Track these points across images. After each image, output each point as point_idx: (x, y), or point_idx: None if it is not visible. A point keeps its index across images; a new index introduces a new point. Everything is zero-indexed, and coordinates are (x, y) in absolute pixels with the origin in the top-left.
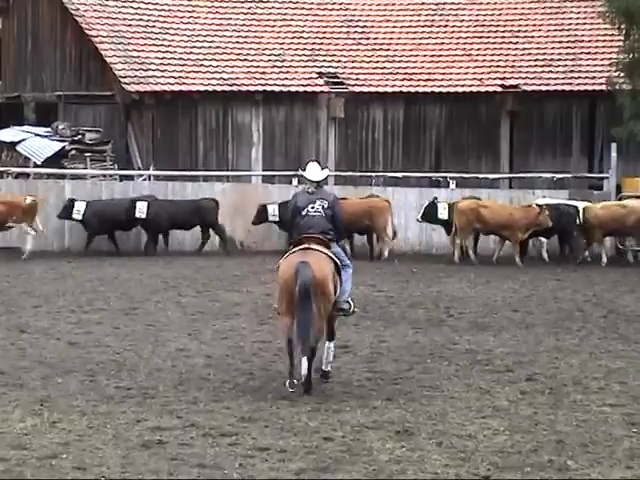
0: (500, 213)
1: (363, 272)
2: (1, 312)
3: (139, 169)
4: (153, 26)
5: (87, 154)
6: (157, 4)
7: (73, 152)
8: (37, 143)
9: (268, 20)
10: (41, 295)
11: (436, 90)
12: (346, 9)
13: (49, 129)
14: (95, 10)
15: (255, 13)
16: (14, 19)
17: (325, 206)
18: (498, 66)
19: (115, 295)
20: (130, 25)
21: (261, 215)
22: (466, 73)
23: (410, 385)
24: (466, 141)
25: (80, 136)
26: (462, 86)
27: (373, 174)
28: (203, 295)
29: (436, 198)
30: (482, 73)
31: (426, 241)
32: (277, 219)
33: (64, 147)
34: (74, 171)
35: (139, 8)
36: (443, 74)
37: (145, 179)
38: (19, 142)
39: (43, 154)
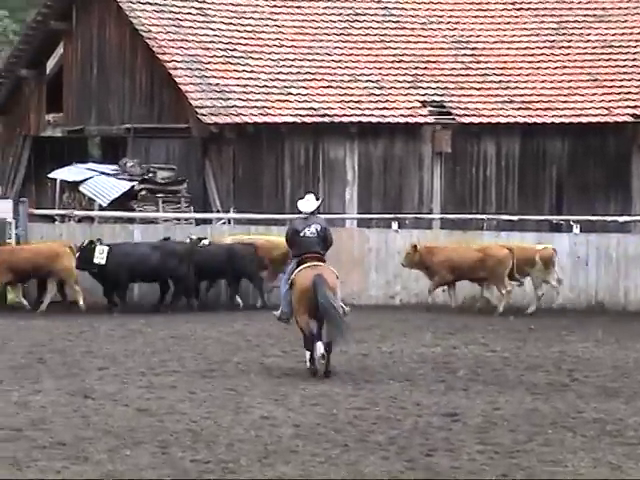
0: None
1: (473, 329)
2: (63, 375)
3: (218, 212)
4: (234, 50)
5: (159, 195)
6: (239, 25)
7: (143, 192)
8: (103, 183)
9: (364, 42)
10: (107, 356)
11: (557, 121)
12: (454, 29)
13: (116, 167)
14: (169, 32)
15: (350, 34)
16: (78, 43)
17: (319, 229)
18: (629, 92)
19: (191, 355)
20: (208, 49)
21: None
22: (592, 101)
23: (529, 459)
24: (592, 179)
25: (151, 174)
26: (587, 116)
27: (485, 216)
28: (290, 355)
29: None
30: (611, 101)
31: (546, 294)
32: None
33: (133, 187)
34: (144, 214)
35: (218, 29)
36: (565, 102)
37: (224, 223)
38: (82, 181)
39: (109, 195)
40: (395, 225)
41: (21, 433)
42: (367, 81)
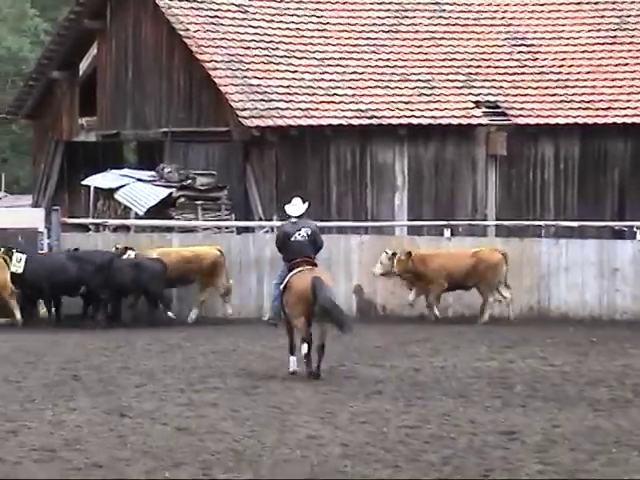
0: None
1: (531, 342)
2: (98, 392)
3: (260, 219)
4: (276, 49)
5: (198, 202)
6: (281, 22)
7: (182, 200)
8: (139, 190)
9: (414, 39)
10: (145, 372)
11: (619, 121)
12: (509, 24)
13: (153, 173)
14: (207, 31)
15: (398, 31)
16: (112, 42)
17: (309, 233)
18: None
19: (233, 371)
20: (249, 48)
21: None
22: None
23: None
24: None
25: (190, 181)
26: None
27: (542, 223)
28: (338, 370)
29: None
30: None
31: (608, 304)
32: None
33: (171, 194)
34: (183, 223)
35: (260, 27)
36: (627, 101)
37: (267, 231)
38: (118, 188)
39: (146, 203)
40: (447, 232)
41: (55, 454)
42: (417, 80)
